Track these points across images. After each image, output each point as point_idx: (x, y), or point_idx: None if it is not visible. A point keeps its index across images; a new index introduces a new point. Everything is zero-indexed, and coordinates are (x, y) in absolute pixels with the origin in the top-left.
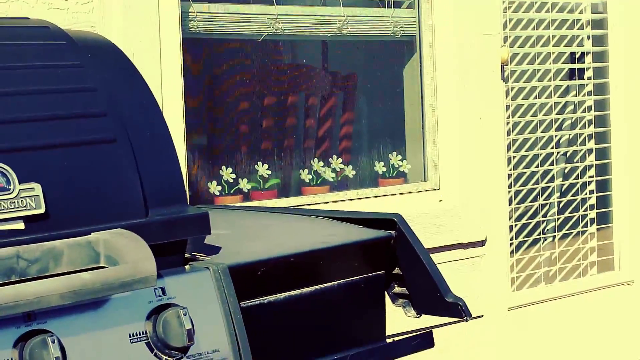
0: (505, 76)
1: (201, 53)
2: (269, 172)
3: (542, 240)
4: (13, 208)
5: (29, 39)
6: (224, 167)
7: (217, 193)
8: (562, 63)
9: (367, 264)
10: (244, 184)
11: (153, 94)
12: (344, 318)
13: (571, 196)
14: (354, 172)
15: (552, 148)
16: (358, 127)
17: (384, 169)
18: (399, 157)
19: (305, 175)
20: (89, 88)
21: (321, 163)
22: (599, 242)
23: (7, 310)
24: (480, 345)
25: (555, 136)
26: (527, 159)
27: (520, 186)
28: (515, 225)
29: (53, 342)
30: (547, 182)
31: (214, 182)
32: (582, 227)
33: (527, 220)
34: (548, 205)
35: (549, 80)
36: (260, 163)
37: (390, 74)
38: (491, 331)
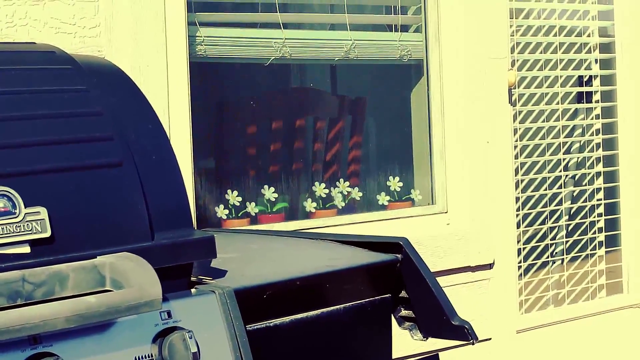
0: (512, 99)
1: (209, 77)
2: (277, 195)
3: (551, 263)
4: (19, 232)
5: (35, 63)
6: (231, 191)
7: (225, 216)
8: (570, 86)
9: (373, 287)
10: (252, 208)
11: (159, 117)
12: (350, 341)
13: (580, 219)
14: (361, 195)
15: (560, 171)
16: (366, 151)
17: (392, 193)
18: (407, 181)
19: (313, 199)
20: (95, 112)
21: (329, 186)
22: (608, 264)
23: (13, 333)
24: None
25: (564, 159)
26: (535, 182)
27: (528, 209)
28: (524, 248)
29: None
30: (555, 205)
31: (222, 206)
32: (590, 250)
33: (535, 243)
34: (556, 228)
35: (557, 103)
36: (267, 186)
37: (397, 97)
38: (499, 354)
